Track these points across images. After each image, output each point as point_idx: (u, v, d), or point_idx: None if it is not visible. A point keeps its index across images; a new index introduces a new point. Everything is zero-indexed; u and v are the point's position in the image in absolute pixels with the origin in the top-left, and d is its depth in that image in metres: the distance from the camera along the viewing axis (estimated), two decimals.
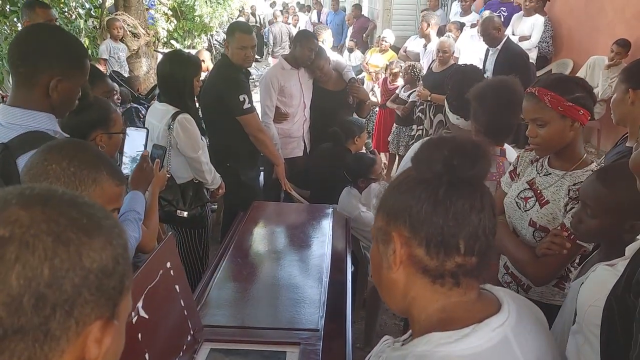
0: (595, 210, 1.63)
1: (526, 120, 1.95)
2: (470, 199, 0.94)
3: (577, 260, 1.97)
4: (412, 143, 5.85)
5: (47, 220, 0.65)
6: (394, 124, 6.20)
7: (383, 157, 6.53)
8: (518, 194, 2.04)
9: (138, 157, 2.21)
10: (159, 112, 3.08)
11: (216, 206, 5.20)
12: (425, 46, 7.22)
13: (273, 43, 13.27)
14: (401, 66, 6.22)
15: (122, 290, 0.71)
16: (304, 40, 4.15)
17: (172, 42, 16.13)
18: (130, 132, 2.27)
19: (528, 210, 1.98)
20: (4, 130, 1.68)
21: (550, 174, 1.97)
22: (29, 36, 1.81)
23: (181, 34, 17.09)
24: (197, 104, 4.13)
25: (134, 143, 2.25)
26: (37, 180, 1.33)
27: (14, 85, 1.76)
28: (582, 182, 1.85)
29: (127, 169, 2.21)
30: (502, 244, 2.02)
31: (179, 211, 3.06)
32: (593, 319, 1.34)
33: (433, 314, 0.97)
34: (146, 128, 2.33)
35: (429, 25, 7.07)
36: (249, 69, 3.92)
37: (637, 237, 1.70)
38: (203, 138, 3.22)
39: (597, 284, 1.40)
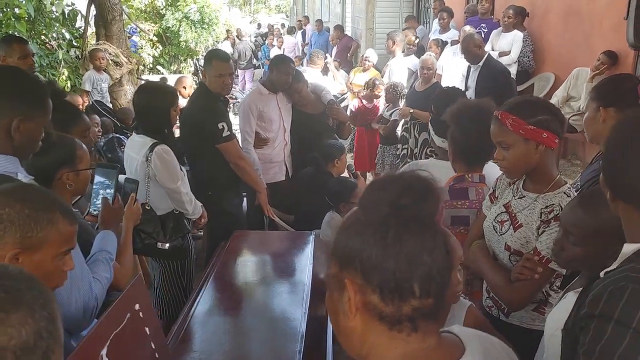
0: (578, 237, 1.59)
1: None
2: (421, 239, 0.92)
3: (557, 284, 1.95)
4: (398, 162, 5.86)
5: None
6: (379, 144, 6.20)
7: (370, 176, 6.54)
8: (495, 217, 2.03)
9: (108, 196, 2.18)
10: (136, 144, 3.06)
11: (202, 233, 5.16)
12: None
13: (238, 57, 14.91)
14: (375, 83, 6.21)
15: None
16: (281, 65, 4.15)
17: (159, 67, 16.19)
18: (99, 170, 2.23)
19: (503, 234, 1.97)
20: None
21: (524, 196, 1.96)
22: None
23: (167, 59, 17.14)
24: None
25: (104, 182, 2.21)
26: None
27: None
28: (553, 204, 1.84)
29: (97, 209, 2.17)
30: (480, 269, 2.01)
31: (159, 243, 3.01)
32: (553, 349, 1.32)
33: None
34: (116, 166, 2.29)
35: (394, 42, 7.16)
36: (232, 93, 3.92)
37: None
38: (182, 168, 3.20)
39: (562, 311, 1.38)
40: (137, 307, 1.62)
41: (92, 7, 7.38)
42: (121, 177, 2.70)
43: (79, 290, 1.64)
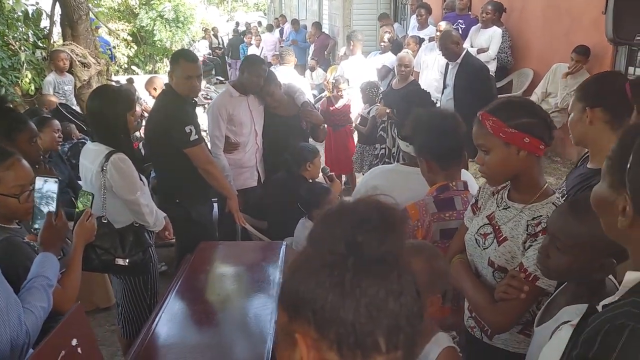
0: (566, 245, 1.47)
1: None
2: (386, 283, 0.76)
3: (544, 301, 1.79)
4: (377, 162, 5.70)
5: None
6: (358, 143, 6.05)
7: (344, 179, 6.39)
8: (478, 229, 1.86)
9: (51, 209, 1.96)
10: (91, 153, 2.85)
11: (174, 240, 4.95)
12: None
13: (230, 50, 16.47)
14: (339, 81, 6.02)
15: None
16: (252, 67, 3.95)
17: (134, 67, 15.85)
18: (39, 182, 2.01)
19: (487, 248, 1.80)
20: None
21: (509, 207, 1.78)
22: None
23: (142, 59, 16.82)
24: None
25: (45, 195, 2.00)
26: None
27: None
28: (541, 215, 1.68)
29: (38, 224, 1.96)
30: (461, 286, 1.84)
31: (117, 259, 2.80)
32: None
33: None
34: (57, 177, 2.08)
35: (352, 43, 6.96)
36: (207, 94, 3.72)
37: (609, 275, 1.54)
38: (142, 177, 2.99)
39: (555, 349, 1.21)
40: (74, 342, 1.43)
41: (58, 7, 7.09)
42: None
43: (5, 325, 1.44)
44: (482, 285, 1.80)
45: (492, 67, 6.74)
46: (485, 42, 6.84)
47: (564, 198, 2.04)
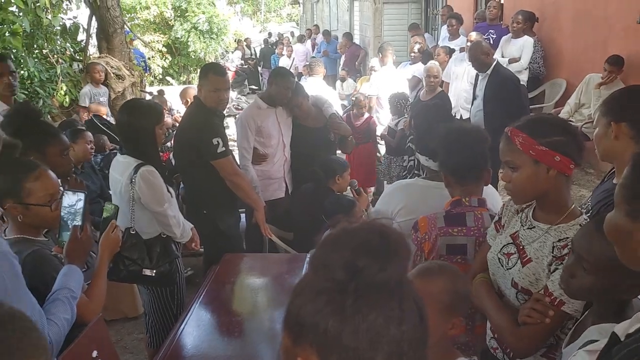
0: (592, 265, 1.42)
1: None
2: (386, 309, 0.76)
3: (569, 325, 1.74)
4: (405, 174, 5.67)
5: None
6: (385, 154, 6.03)
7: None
8: (501, 248, 1.81)
9: (77, 223, 2.02)
10: (120, 165, 2.92)
11: (203, 249, 5.01)
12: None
13: (263, 59, 17.03)
14: (360, 99, 6.00)
15: None
16: (280, 79, 3.99)
17: (168, 78, 16.17)
18: (67, 196, 2.07)
19: (510, 268, 1.75)
20: None
21: (534, 227, 1.74)
22: None
23: (176, 69, 17.14)
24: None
25: (73, 207, 2.06)
26: None
27: None
28: (567, 237, 1.63)
29: (64, 237, 2.02)
30: (483, 307, 1.81)
31: (145, 270, 2.85)
32: None
33: None
34: (85, 191, 2.14)
35: (382, 54, 6.92)
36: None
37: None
38: (170, 189, 3.04)
39: None
40: (94, 354, 1.46)
41: (94, 21, 7.30)
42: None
43: None
44: (505, 307, 1.75)
45: (524, 77, 6.65)
46: (517, 52, 6.75)
47: (588, 214, 2.00)
